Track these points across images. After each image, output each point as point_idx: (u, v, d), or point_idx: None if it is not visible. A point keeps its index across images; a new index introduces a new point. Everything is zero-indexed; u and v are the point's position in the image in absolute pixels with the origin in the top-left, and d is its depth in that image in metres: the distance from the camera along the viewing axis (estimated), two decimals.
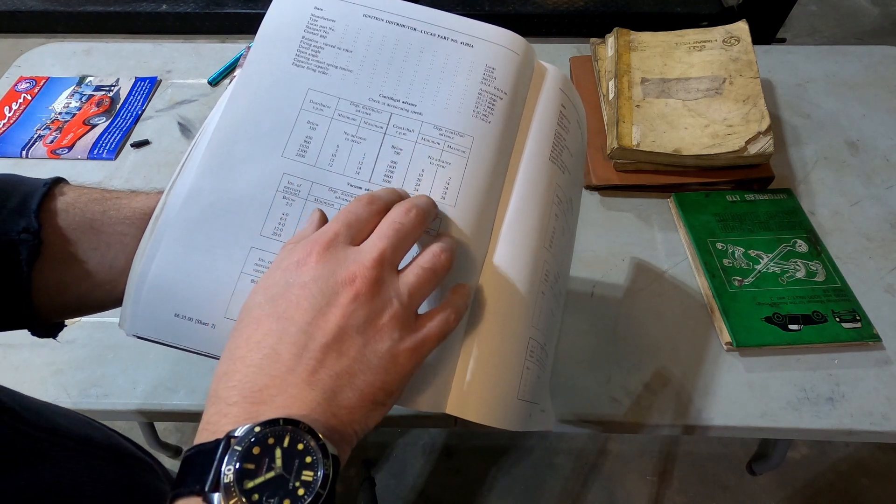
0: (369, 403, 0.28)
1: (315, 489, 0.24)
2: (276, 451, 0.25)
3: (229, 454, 0.24)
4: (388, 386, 0.29)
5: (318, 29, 0.40)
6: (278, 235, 0.36)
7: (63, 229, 0.37)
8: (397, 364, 0.29)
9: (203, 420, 0.27)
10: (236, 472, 0.24)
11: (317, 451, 0.25)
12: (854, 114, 0.82)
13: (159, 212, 0.37)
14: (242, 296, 0.34)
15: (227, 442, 0.25)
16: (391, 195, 0.34)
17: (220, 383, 0.28)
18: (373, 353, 0.28)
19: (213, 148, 0.37)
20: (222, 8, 1.93)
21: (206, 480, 0.24)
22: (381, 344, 0.29)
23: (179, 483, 0.25)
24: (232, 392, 0.27)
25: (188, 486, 0.25)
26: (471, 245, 0.36)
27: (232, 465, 0.24)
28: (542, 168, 0.40)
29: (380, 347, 0.29)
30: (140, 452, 0.42)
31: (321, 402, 0.27)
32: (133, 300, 0.35)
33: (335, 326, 0.28)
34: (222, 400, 0.27)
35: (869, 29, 2.12)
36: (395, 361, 0.29)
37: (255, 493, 0.24)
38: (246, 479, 0.24)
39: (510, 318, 0.36)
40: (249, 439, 0.24)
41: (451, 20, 0.41)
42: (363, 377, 0.28)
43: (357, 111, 0.38)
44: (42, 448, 0.33)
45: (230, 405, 0.27)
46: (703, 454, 1.21)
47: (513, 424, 0.35)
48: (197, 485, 0.24)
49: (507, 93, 0.40)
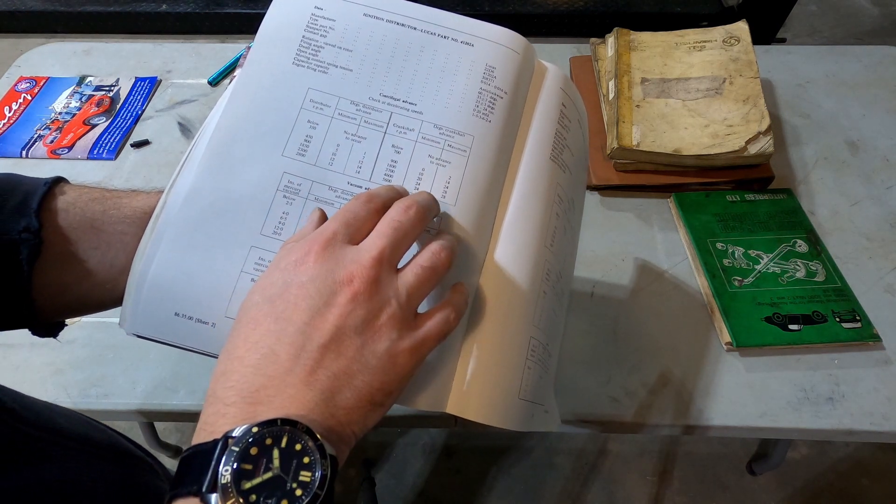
0: (367, 404, 0.28)
1: (313, 490, 0.24)
2: (273, 451, 0.24)
3: (227, 455, 0.24)
4: (386, 387, 0.28)
5: (319, 28, 0.40)
6: (278, 234, 0.36)
7: (63, 229, 0.37)
8: (396, 364, 0.29)
9: (201, 420, 0.27)
10: (234, 473, 0.24)
11: (315, 452, 0.25)
12: (854, 114, 0.82)
13: (159, 211, 0.37)
14: (242, 295, 0.34)
15: (224, 442, 0.25)
16: (390, 193, 0.34)
17: (218, 383, 0.28)
18: (371, 353, 0.28)
19: (213, 147, 0.37)
20: (222, 8, 1.93)
21: (204, 481, 0.24)
22: (379, 344, 0.29)
23: (177, 483, 0.25)
24: (230, 392, 0.27)
25: (186, 486, 0.25)
26: (471, 244, 0.36)
27: (229, 465, 0.24)
28: (543, 167, 0.40)
29: (378, 348, 0.28)
30: (140, 452, 0.42)
31: (319, 402, 0.27)
32: (133, 299, 0.35)
33: (333, 327, 0.28)
34: (220, 400, 0.27)
35: (869, 29, 2.12)
36: (393, 362, 0.29)
37: (252, 494, 0.24)
38: (243, 479, 0.24)
39: (510, 318, 0.36)
40: (247, 440, 0.24)
41: (451, 19, 0.41)
42: (361, 378, 0.28)
43: (357, 110, 0.38)
44: (42, 448, 0.33)
45: (228, 405, 0.26)
46: (703, 454, 1.21)
47: (514, 424, 0.35)
48: (194, 485, 0.24)
49: (507, 92, 0.40)
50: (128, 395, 0.56)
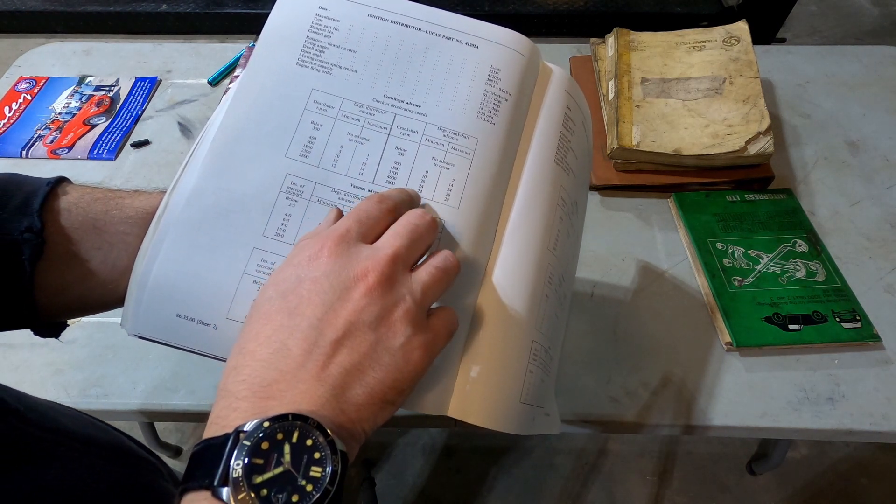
0: (379, 402, 0.28)
1: (323, 485, 0.24)
2: (284, 446, 0.24)
3: (238, 448, 0.24)
4: (399, 384, 0.28)
5: (323, 29, 0.40)
6: (281, 236, 0.36)
7: (66, 229, 0.37)
8: (410, 362, 0.28)
9: (212, 414, 0.27)
10: (245, 467, 0.24)
11: (325, 448, 0.25)
12: (854, 114, 0.82)
13: (162, 211, 0.37)
14: (245, 297, 0.34)
15: (235, 436, 0.25)
16: (401, 195, 0.34)
17: (230, 378, 0.28)
18: (385, 349, 0.28)
19: (216, 148, 0.37)
20: (222, 8, 1.93)
21: (216, 475, 0.24)
22: (394, 340, 0.28)
23: (188, 477, 0.25)
24: (241, 387, 0.27)
25: (197, 480, 0.25)
26: (474, 247, 0.36)
27: (241, 459, 0.24)
28: (547, 170, 0.40)
29: (393, 344, 0.28)
30: (144, 452, 0.42)
31: (330, 398, 0.27)
32: (135, 300, 0.35)
33: (346, 322, 0.28)
34: (232, 394, 0.27)
35: (869, 29, 2.12)
36: (407, 359, 0.28)
37: (263, 489, 0.24)
38: (255, 473, 0.24)
39: (513, 321, 0.36)
40: (258, 434, 0.24)
41: (456, 21, 0.41)
42: (373, 374, 0.28)
43: (361, 112, 0.38)
44: (46, 448, 0.33)
45: (239, 399, 0.26)
46: (703, 454, 1.21)
47: (515, 428, 0.35)
48: (206, 479, 0.24)
49: (511, 94, 0.40)
50: (128, 395, 0.56)
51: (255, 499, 0.24)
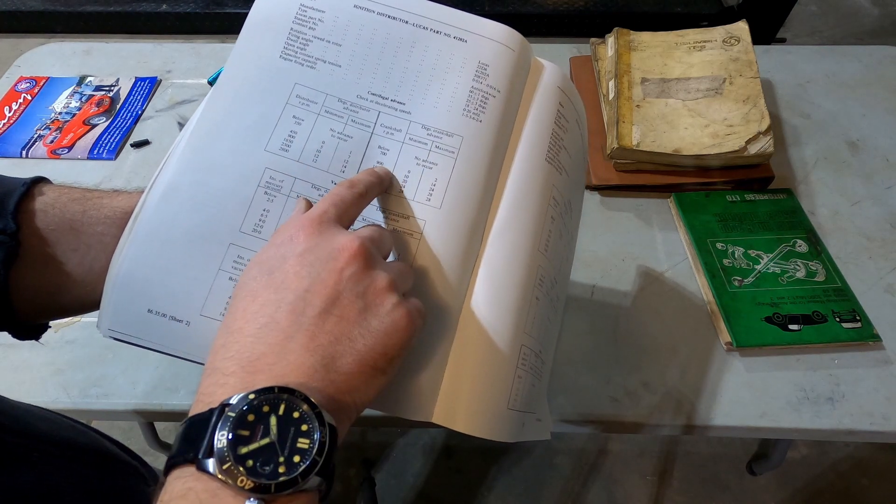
0: (369, 370, 0.28)
1: (311, 456, 0.24)
2: (270, 418, 0.24)
3: (223, 421, 0.24)
4: (389, 351, 0.28)
5: (308, 20, 0.39)
6: (258, 232, 0.35)
7: (41, 230, 0.36)
8: (399, 328, 0.29)
9: (198, 392, 0.27)
10: (230, 439, 0.24)
11: (313, 419, 0.25)
12: (854, 114, 0.82)
13: (139, 210, 0.36)
14: (220, 293, 0.34)
15: (220, 410, 0.25)
16: (370, 177, 0.34)
17: (217, 355, 0.27)
18: (373, 315, 0.28)
19: (193, 141, 0.36)
20: (222, 8, 1.93)
21: (200, 447, 0.24)
22: (381, 307, 0.29)
23: (175, 453, 0.25)
24: (229, 363, 0.27)
25: (182, 454, 0.25)
26: (459, 248, 0.35)
27: (225, 431, 0.24)
28: (538, 169, 0.39)
29: (381, 310, 0.29)
30: (126, 455, 0.41)
31: (319, 368, 0.27)
32: (107, 297, 0.35)
33: (333, 291, 0.28)
34: (219, 371, 0.27)
35: (869, 29, 2.12)
36: (396, 325, 0.29)
37: (249, 459, 0.24)
38: (240, 444, 0.24)
39: (500, 325, 0.35)
40: (243, 407, 0.24)
41: (444, 13, 0.40)
42: (363, 341, 0.28)
43: (345, 108, 0.37)
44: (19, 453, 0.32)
45: (227, 375, 0.26)
46: (703, 454, 1.21)
47: (502, 435, 0.34)
48: (191, 452, 0.24)
49: (500, 91, 0.39)
50: (128, 395, 0.56)
51: (241, 470, 0.23)
